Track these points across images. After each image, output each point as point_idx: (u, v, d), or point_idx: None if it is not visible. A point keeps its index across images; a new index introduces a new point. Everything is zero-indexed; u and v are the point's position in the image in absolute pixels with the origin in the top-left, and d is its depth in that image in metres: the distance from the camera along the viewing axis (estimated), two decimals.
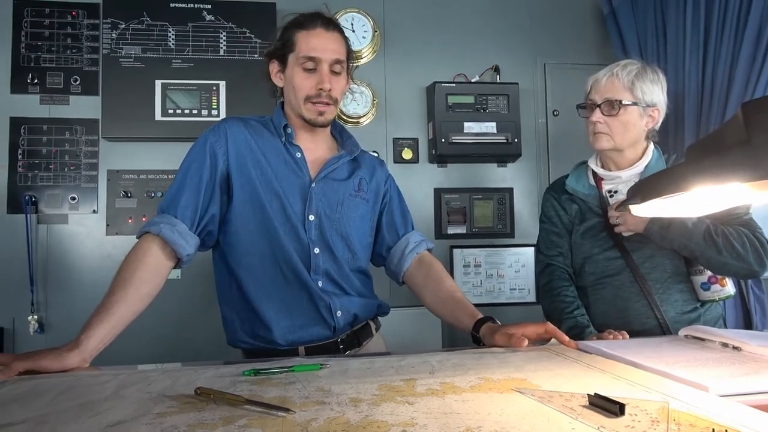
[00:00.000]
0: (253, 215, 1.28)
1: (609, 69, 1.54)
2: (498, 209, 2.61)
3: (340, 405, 0.76)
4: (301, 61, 1.29)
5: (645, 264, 1.52)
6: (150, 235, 1.21)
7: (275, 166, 1.31)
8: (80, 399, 0.80)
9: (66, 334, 1.08)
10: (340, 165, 1.38)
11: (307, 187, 1.32)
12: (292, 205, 1.29)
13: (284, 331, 1.28)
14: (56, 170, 2.35)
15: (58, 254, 2.32)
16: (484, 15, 2.69)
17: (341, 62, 1.32)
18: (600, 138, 1.53)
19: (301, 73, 1.30)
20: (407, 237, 1.45)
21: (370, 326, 1.42)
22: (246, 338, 1.31)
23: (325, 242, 1.32)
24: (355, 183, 1.39)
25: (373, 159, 1.50)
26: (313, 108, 1.31)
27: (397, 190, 1.52)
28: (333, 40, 1.31)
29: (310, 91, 1.29)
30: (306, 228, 1.30)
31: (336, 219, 1.34)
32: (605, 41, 2.69)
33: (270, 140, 1.34)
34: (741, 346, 1.06)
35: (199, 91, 2.37)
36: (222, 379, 0.91)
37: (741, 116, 0.64)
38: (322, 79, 1.29)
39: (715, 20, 2.03)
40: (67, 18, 2.39)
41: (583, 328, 1.47)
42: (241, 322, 1.31)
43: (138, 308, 1.14)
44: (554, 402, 0.75)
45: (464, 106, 2.51)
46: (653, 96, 1.52)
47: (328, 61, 1.29)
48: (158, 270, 1.20)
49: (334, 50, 1.30)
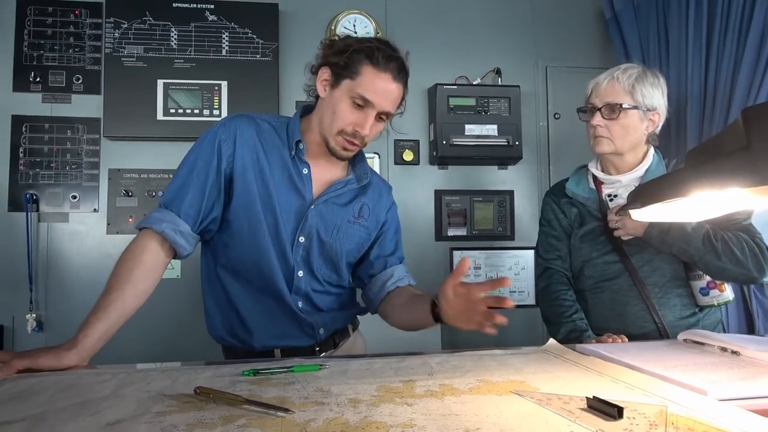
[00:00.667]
0: (248, 225, 1.25)
1: (609, 73, 1.54)
2: (498, 212, 2.61)
3: (339, 405, 0.76)
4: (354, 95, 1.20)
5: (644, 268, 1.52)
6: (149, 230, 1.19)
7: (277, 180, 1.26)
8: (79, 397, 0.80)
9: (65, 332, 1.08)
10: (345, 191, 1.33)
11: (305, 207, 1.28)
12: (286, 224, 1.26)
13: (264, 337, 1.28)
14: (57, 169, 2.35)
15: (58, 253, 2.32)
16: (486, 17, 2.69)
17: (390, 115, 1.27)
18: (600, 142, 1.53)
19: (348, 105, 1.22)
20: (392, 270, 1.40)
21: (347, 327, 1.42)
22: (225, 335, 1.31)
23: (308, 265, 1.29)
24: (355, 209, 1.35)
25: (381, 184, 1.44)
26: (342, 142, 1.24)
27: (397, 221, 1.46)
28: (396, 91, 1.23)
29: (348, 127, 1.23)
30: (293, 249, 1.27)
31: (329, 244, 1.30)
32: (607, 45, 2.69)
33: (278, 150, 1.28)
34: (740, 350, 1.06)
35: (201, 91, 2.37)
36: (221, 378, 0.91)
37: (741, 122, 0.64)
38: (365, 123, 1.22)
39: (717, 25, 2.03)
40: (70, 17, 2.39)
41: (581, 332, 1.47)
42: (222, 318, 1.31)
43: (135, 305, 1.14)
44: (553, 404, 0.75)
45: (465, 108, 2.51)
46: (653, 100, 1.52)
47: (380, 110, 1.23)
48: (156, 267, 1.19)
49: (392, 102, 1.24)
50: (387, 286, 1.38)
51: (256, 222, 1.25)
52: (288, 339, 1.30)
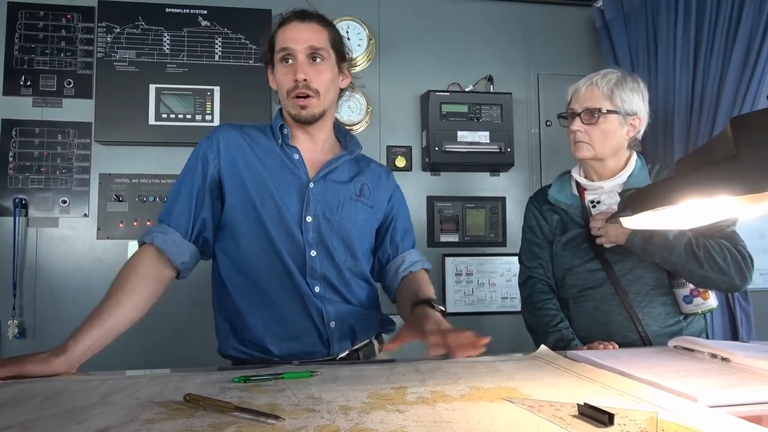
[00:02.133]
0: (245, 218, 1.25)
1: (588, 78, 1.54)
2: (490, 218, 2.62)
3: (330, 413, 0.75)
4: (279, 56, 1.26)
5: (626, 276, 1.51)
6: (147, 244, 1.21)
7: (270, 167, 1.27)
8: (67, 405, 0.79)
9: (53, 338, 1.08)
10: (339, 165, 1.34)
11: (304, 187, 1.28)
12: (288, 206, 1.25)
13: (276, 339, 1.24)
14: (47, 173, 2.33)
15: (46, 258, 2.30)
16: (478, 25, 2.71)
17: (319, 50, 1.26)
18: (581, 147, 1.53)
19: (280, 68, 1.27)
20: (404, 255, 1.41)
21: (374, 346, 1.36)
22: (238, 346, 1.27)
23: (324, 245, 1.27)
24: (356, 187, 1.35)
25: (379, 168, 1.45)
26: (294, 102, 1.26)
27: (404, 205, 1.48)
28: (308, 30, 1.26)
29: (289, 84, 1.25)
30: (303, 230, 1.25)
31: (336, 221, 1.29)
32: (598, 53, 2.72)
33: (266, 143, 1.31)
34: (729, 357, 1.07)
35: (194, 96, 2.37)
36: (211, 385, 0.90)
37: (730, 131, 0.65)
38: (297, 69, 1.24)
39: (705, 35, 2.06)
40: (62, 21, 2.38)
41: (568, 342, 1.46)
42: (232, 330, 1.28)
43: (132, 316, 1.13)
44: (544, 411, 0.75)
45: (458, 114, 2.52)
46: (633, 104, 1.51)
47: (303, 51, 1.24)
48: (154, 278, 1.19)
49: (308, 38, 1.25)
50: (400, 272, 1.39)
51: (252, 210, 1.24)
52: (300, 338, 1.25)
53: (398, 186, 1.48)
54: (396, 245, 1.42)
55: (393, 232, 1.43)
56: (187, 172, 1.28)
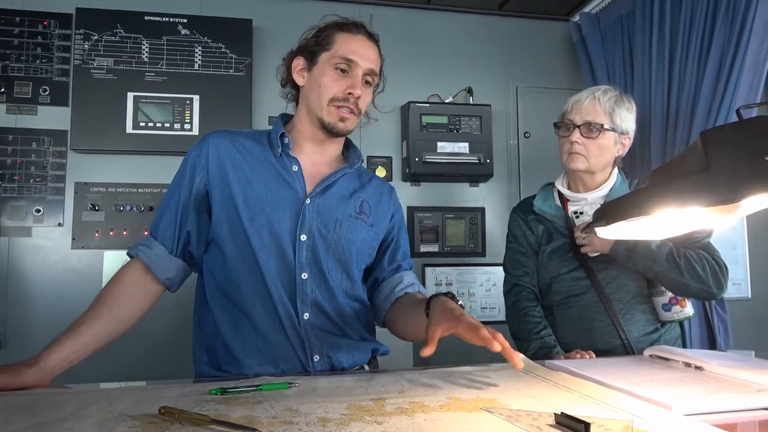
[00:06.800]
0: (231, 235, 1.17)
1: (591, 92, 1.57)
2: (470, 228, 2.64)
3: (308, 425, 0.75)
4: (336, 61, 1.20)
5: (610, 284, 1.55)
6: (134, 259, 1.19)
7: (264, 179, 1.19)
8: (37, 418, 0.77)
9: (25, 350, 1.05)
10: (339, 179, 1.26)
11: (300, 202, 1.19)
12: (281, 222, 1.17)
13: (254, 365, 1.15)
14: (21, 182, 2.28)
15: (19, 268, 2.25)
16: (458, 38, 2.75)
17: (375, 75, 1.24)
18: (576, 158, 1.55)
19: (332, 73, 1.20)
20: (402, 275, 1.32)
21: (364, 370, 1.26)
22: (214, 372, 1.18)
23: (317, 266, 1.18)
24: (356, 204, 1.27)
25: (381, 185, 1.37)
26: (336, 112, 1.20)
27: (405, 227, 1.41)
28: (373, 51, 1.24)
29: (339, 93, 1.19)
30: (296, 249, 1.17)
31: (333, 240, 1.20)
32: (575, 67, 2.77)
33: (260, 153, 1.22)
34: (703, 365, 1.09)
35: (173, 105, 2.35)
36: (187, 398, 0.89)
37: (700, 144, 0.67)
38: (355, 83, 1.20)
39: (679, 49, 2.11)
40: (38, 27, 2.35)
41: (550, 349, 1.49)
42: (209, 358, 1.20)
43: (113, 330, 1.11)
44: (522, 421, 0.75)
45: (438, 126, 2.54)
46: (627, 124, 1.57)
47: (365, 69, 1.21)
48: (138, 293, 1.16)
49: (373, 60, 1.23)
50: (395, 291, 1.29)
51: (239, 227, 1.16)
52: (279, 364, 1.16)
53: (401, 206, 1.41)
54: (398, 265, 1.34)
55: (395, 252, 1.35)
56: (175, 184, 1.23)
